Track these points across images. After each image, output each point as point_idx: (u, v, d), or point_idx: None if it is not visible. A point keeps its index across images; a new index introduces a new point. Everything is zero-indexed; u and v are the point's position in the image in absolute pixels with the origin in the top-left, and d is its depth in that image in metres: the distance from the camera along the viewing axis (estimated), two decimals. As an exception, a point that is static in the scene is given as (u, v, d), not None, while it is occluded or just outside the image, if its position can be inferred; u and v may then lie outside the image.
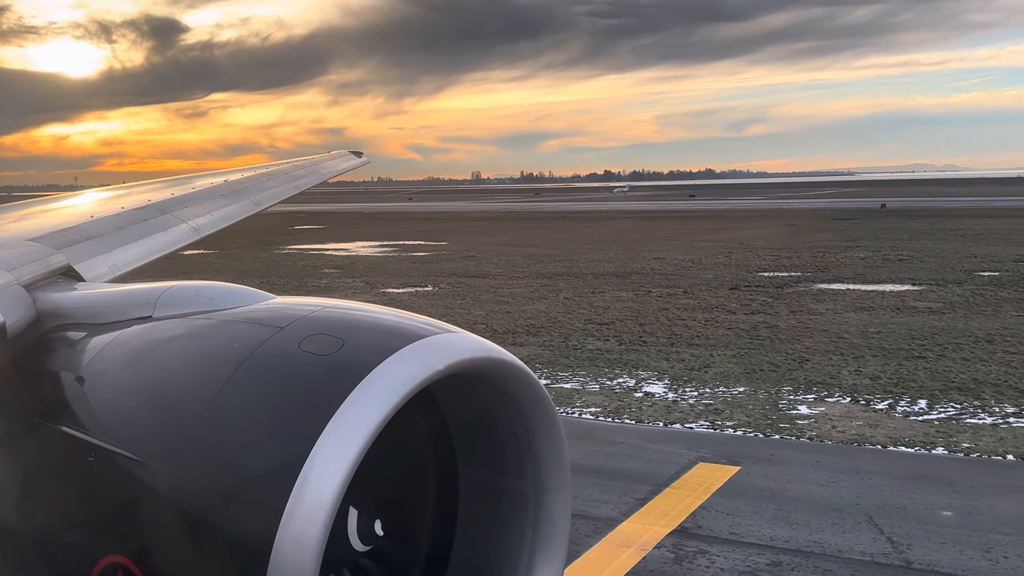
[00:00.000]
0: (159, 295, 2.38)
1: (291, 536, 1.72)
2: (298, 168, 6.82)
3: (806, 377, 13.66)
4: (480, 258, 37.66)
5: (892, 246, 38.92)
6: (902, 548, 7.24)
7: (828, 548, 7.28)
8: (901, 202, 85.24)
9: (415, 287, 28.10)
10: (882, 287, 25.32)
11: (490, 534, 2.31)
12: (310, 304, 2.17)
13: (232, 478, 1.86)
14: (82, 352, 2.38)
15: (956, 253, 34.91)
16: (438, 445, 2.31)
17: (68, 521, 2.15)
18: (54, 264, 3.03)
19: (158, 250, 4.07)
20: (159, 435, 2.00)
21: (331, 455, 1.74)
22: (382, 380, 1.82)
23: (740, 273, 29.62)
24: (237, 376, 1.95)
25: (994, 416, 11.22)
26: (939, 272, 28.40)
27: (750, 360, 15.06)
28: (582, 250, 40.83)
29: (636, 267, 32.41)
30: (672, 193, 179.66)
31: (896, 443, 10.19)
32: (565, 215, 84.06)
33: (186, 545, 1.89)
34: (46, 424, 2.23)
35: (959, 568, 6.86)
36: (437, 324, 2.08)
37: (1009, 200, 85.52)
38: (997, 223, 52.85)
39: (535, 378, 2.15)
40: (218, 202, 5.06)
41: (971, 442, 10.14)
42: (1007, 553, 7.08)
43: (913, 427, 10.85)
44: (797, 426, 11.02)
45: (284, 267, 35.99)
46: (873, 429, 10.77)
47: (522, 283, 28.07)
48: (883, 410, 11.69)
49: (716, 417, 11.51)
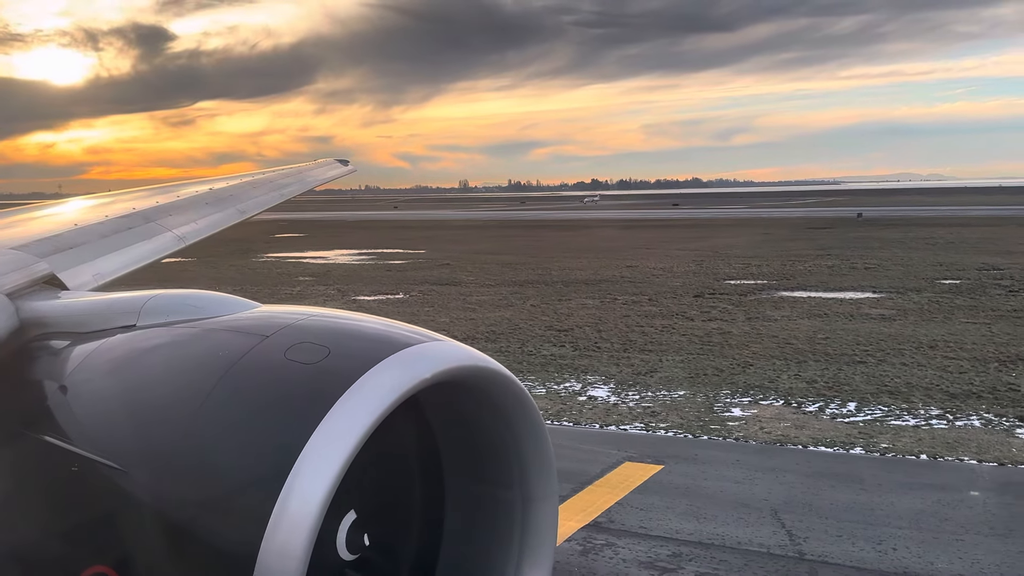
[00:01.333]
0: (143, 303, 2.37)
1: (276, 546, 1.71)
2: (284, 176, 6.84)
3: (746, 381, 14.05)
4: (455, 266, 37.98)
5: (862, 255, 39.45)
6: (799, 540, 7.61)
7: (728, 540, 7.64)
8: (879, 211, 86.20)
9: (386, 295, 28.40)
10: (843, 295, 25.78)
11: (477, 542, 2.31)
12: (296, 312, 2.17)
13: (217, 488, 1.85)
14: (66, 361, 2.36)
15: (923, 261, 35.45)
16: (424, 453, 2.31)
17: (52, 531, 2.13)
18: (37, 272, 3.03)
19: (142, 258, 4.09)
20: (143, 445, 1.98)
21: (317, 464, 1.73)
22: (368, 389, 1.82)
23: (708, 281, 30.04)
24: (222, 385, 1.94)
25: (918, 418, 11.62)
26: (902, 280, 28.89)
27: (696, 365, 15.45)
28: (558, 258, 41.20)
29: (608, 275, 32.78)
30: (656, 202, 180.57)
31: (817, 443, 10.58)
32: (547, 223, 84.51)
33: (170, 555, 1.89)
34: (29, 433, 2.21)
35: (848, 559, 7.23)
36: (423, 332, 2.09)
37: (984, 209, 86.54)
38: (969, 232, 53.57)
39: (522, 387, 2.16)
40: (203, 210, 5.07)
41: (890, 442, 10.54)
42: (896, 545, 7.45)
43: (838, 428, 11.25)
44: (727, 427, 11.39)
45: (259, 275, 36.23)
46: (799, 430, 11.16)
47: (492, 291, 28.40)
48: (812, 412, 12.08)
49: (652, 419, 11.87)
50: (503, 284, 30.36)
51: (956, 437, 10.72)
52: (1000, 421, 11.38)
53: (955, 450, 10.18)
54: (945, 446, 10.34)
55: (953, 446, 10.33)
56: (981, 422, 11.38)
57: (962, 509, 8.27)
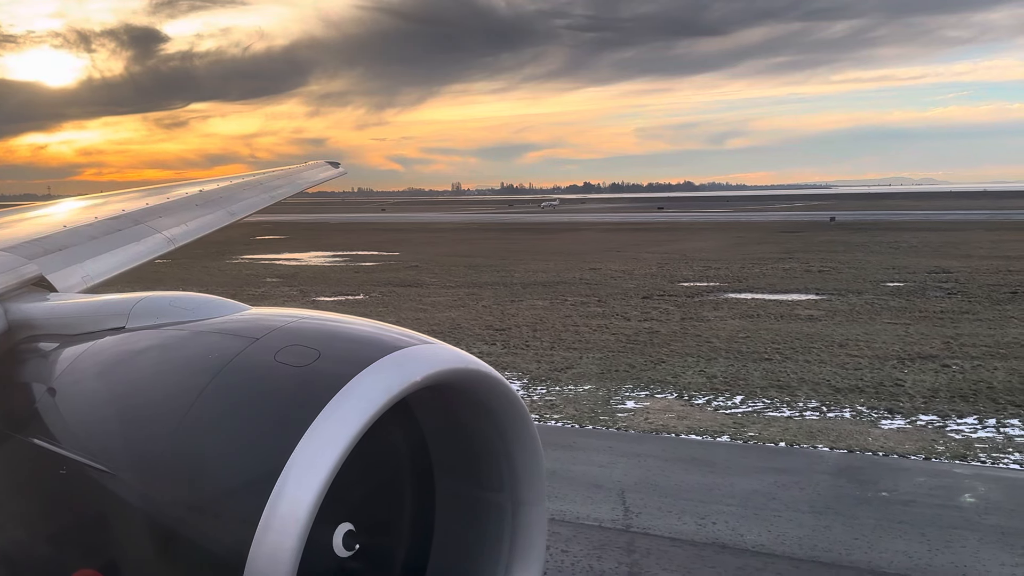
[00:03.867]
0: (132, 306, 2.36)
1: (266, 549, 1.71)
2: (275, 178, 6.87)
3: (652, 376, 14.84)
4: (423, 268, 38.71)
5: (822, 258, 40.27)
6: (632, 516, 8.39)
7: (568, 515, 8.41)
8: (854, 215, 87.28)
9: (347, 296, 29.14)
10: (786, 296, 26.58)
11: (467, 545, 2.31)
12: (286, 315, 2.17)
13: (206, 491, 1.85)
14: (54, 363, 2.35)
15: (879, 265, 36.29)
16: (415, 456, 2.31)
17: (40, 534, 2.13)
18: (26, 274, 3.02)
19: (131, 260, 4.07)
20: (132, 447, 1.98)
21: (307, 467, 1.73)
22: (358, 391, 1.82)
23: (662, 283, 30.81)
24: (211, 388, 1.94)
25: (794, 410, 12.42)
26: (849, 283, 29.69)
27: (612, 362, 16.24)
28: (527, 261, 41.97)
29: (568, 277, 33.54)
30: (643, 205, 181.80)
31: (690, 432, 11.37)
32: (527, 226, 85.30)
33: (159, 558, 1.89)
34: (17, 436, 2.21)
35: (667, 531, 8.01)
36: (414, 335, 2.08)
37: (959, 214, 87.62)
38: (935, 236, 54.52)
39: (512, 390, 2.15)
40: (193, 212, 5.07)
41: (757, 432, 11.33)
42: (716, 520, 8.23)
43: (715, 419, 12.04)
44: (615, 418, 12.17)
45: (228, 276, 36.89)
46: (680, 420, 11.95)
47: (451, 292, 29.15)
48: (700, 405, 12.88)
49: (549, 411, 12.64)
50: (463, 286, 31.10)
51: (822, 427, 11.52)
52: (870, 413, 12.20)
53: (814, 438, 10.98)
54: (807, 435, 11.14)
55: (814, 435, 11.14)
56: (852, 414, 12.19)
57: (793, 490, 9.06)
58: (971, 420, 11.69)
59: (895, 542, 7.65)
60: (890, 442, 10.79)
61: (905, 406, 12.46)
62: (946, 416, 11.90)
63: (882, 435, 11.13)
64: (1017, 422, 11.58)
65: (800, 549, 7.55)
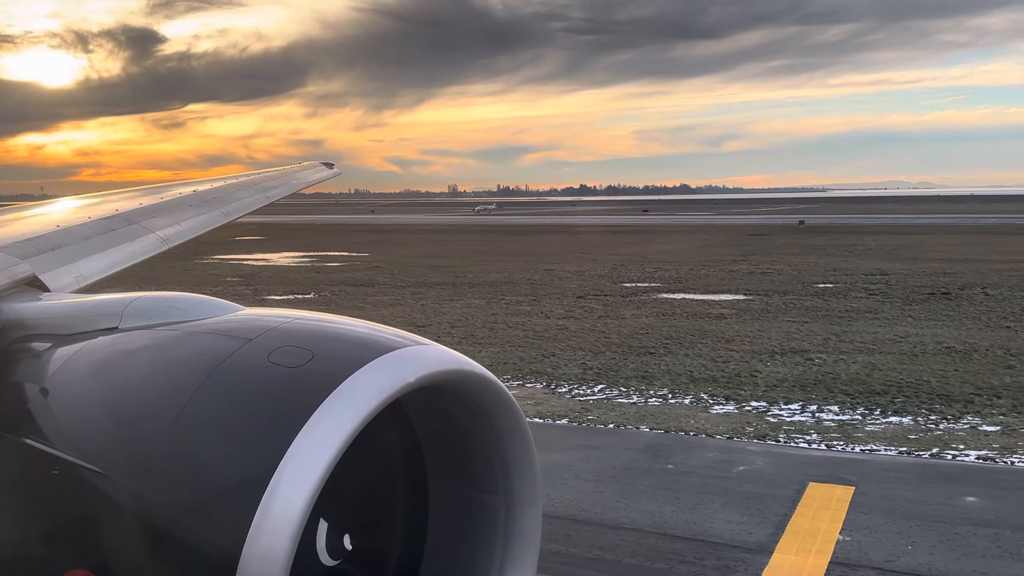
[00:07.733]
0: (125, 306, 2.37)
1: (258, 551, 1.72)
2: (269, 179, 6.92)
3: (535, 368, 16.03)
4: (384, 269, 39.87)
5: (773, 260, 41.45)
6: (439, 483, 9.56)
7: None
8: (825, 219, 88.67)
9: (297, 295, 30.34)
10: (715, 296, 27.75)
11: (460, 548, 2.32)
12: (280, 316, 2.18)
13: (199, 492, 1.86)
14: (47, 363, 2.37)
15: (824, 267, 37.47)
16: (409, 458, 2.32)
17: (31, 535, 2.15)
18: (18, 274, 3.03)
19: (125, 260, 4.08)
20: (124, 448, 1.99)
21: (300, 468, 1.75)
22: (352, 392, 1.84)
23: (605, 284, 31.95)
24: (204, 388, 1.95)
25: (643, 397, 13.61)
26: (783, 284, 30.84)
27: (508, 355, 17.43)
28: (488, 262, 43.15)
29: (519, 277, 34.72)
30: (632, 207, 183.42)
31: (540, 416, 12.55)
32: (504, 228, 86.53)
33: (151, 560, 1.90)
34: (9, 436, 2.22)
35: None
36: (408, 336, 2.09)
37: (928, 218, 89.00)
38: (893, 239, 55.82)
39: (507, 391, 2.17)
40: (187, 212, 5.08)
41: (597, 416, 12.51)
42: (509, 486, 9.40)
43: (568, 405, 13.23)
44: (477, 404, 13.34)
45: (190, 275, 37.98)
46: (535, 406, 13.13)
47: (398, 292, 30.32)
48: (562, 393, 14.08)
49: (422, 398, 13.81)
50: (413, 286, 32.28)
51: (657, 411, 12.71)
52: (708, 400, 13.39)
53: (643, 421, 12.17)
54: (638, 418, 12.33)
55: (644, 418, 12.32)
56: (692, 400, 13.38)
57: (593, 463, 10.23)
58: (794, 407, 12.86)
59: (649, 504, 8.80)
60: (708, 424, 11.96)
61: (744, 394, 13.65)
62: (774, 403, 13.08)
63: (706, 419, 12.30)
64: (836, 408, 12.77)
65: (564, 510, 8.71)
